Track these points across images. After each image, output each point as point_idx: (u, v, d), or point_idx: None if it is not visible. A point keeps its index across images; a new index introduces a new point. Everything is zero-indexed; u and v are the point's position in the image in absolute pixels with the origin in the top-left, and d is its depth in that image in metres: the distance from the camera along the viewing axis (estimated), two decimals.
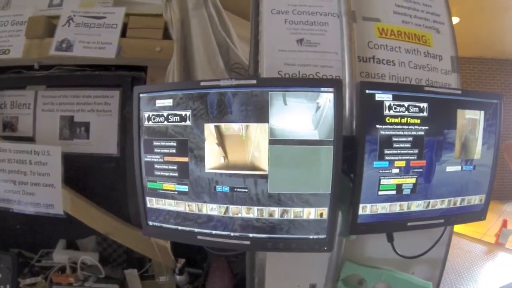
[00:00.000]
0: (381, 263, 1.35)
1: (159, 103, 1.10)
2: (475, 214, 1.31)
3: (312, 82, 1.09)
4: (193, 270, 1.65)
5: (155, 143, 1.12)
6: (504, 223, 2.08)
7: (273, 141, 1.03)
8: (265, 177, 1.04)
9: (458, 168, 1.23)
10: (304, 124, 1.03)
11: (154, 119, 1.11)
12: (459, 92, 1.22)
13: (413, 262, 1.36)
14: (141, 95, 1.13)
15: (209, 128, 1.06)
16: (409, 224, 1.21)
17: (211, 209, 1.09)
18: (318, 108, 1.03)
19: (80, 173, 1.66)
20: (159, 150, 1.12)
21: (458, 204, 1.27)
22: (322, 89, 1.03)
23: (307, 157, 1.04)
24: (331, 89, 1.03)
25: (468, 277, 1.73)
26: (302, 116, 1.03)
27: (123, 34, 1.56)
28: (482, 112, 1.25)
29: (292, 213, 1.06)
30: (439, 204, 1.23)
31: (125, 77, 1.62)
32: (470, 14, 1.43)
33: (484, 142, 1.26)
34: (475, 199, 1.30)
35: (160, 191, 1.14)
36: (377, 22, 1.40)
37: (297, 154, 1.04)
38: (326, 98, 1.03)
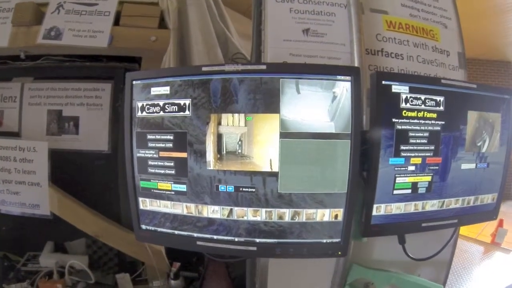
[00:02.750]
0: (387, 265, 1.22)
1: (155, 91, 0.91)
2: (487, 214, 1.20)
3: (327, 69, 0.91)
4: (188, 274, 1.45)
5: (149, 137, 0.93)
6: (500, 223, 1.97)
7: (285, 134, 0.85)
8: (275, 175, 0.86)
9: (473, 165, 1.11)
10: (319, 115, 0.86)
11: (148, 109, 0.92)
12: (475, 86, 1.09)
13: (419, 263, 1.23)
14: (134, 82, 0.93)
15: (212, 119, 0.86)
16: (423, 225, 1.08)
17: (213, 211, 0.90)
18: (334, 98, 0.85)
19: (68, 171, 1.44)
20: (153, 144, 0.92)
21: (471, 203, 1.15)
22: (339, 77, 0.86)
23: (322, 152, 0.87)
24: (348, 78, 0.86)
25: (467, 277, 1.62)
26: (317, 106, 0.86)
27: (116, 22, 1.36)
28: (497, 107, 1.13)
29: (304, 215, 0.88)
30: (453, 203, 1.11)
31: (117, 69, 1.41)
32: (464, 16, 1.32)
33: (498, 138, 1.13)
34: (488, 198, 1.17)
35: (155, 191, 0.94)
36: (385, 15, 1.28)
37: (310, 149, 0.87)
38: (343, 87, 0.86)
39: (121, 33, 1.33)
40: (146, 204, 0.96)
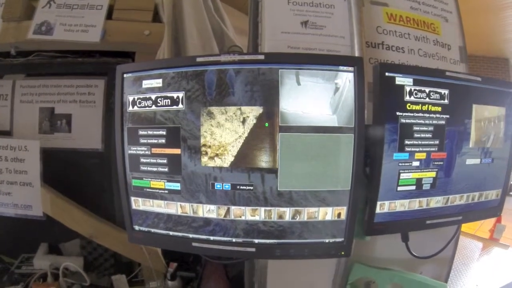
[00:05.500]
0: (389, 263, 1.16)
1: (146, 84, 0.83)
2: (491, 210, 1.14)
3: (329, 59, 0.83)
4: (185, 274, 1.36)
5: (141, 132, 0.85)
6: (499, 218, 1.91)
7: (285, 128, 0.77)
8: (274, 171, 0.78)
9: (478, 161, 1.04)
10: (320, 108, 0.78)
11: (140, 103, 0.83)
12: (479, 79, 1.02)
13: (421, 261, 1.16)
14: (125, 75, 0.85)
15: (207, 113, 0.78)
16: (428, 222, 1.01)
17: (209, 210, 0.82)
18: (336, 89, 0.78)
19: (61, 170, 1.34)
20: (145, 141, 0.84)
21: (476, 200, 1.07)
22: (341, 67, 0.78)
23: (324, 147, 0.79)
24: (351, 68, 0.78)
25: (466, 272, 1.56)
26: (319, 98, 0.78)
27: (109, 16, 1.27)
28: (501, 101, 1.06)
29: (306, 214, 0.81)
30: (458, 200, 1.04)
31: (110, 65, 1.29)
32: (462, 12, 1.26)
33: (503, 133, 1.06)
34: (492, 194, 1.11)
35: (147, 189, 0.86)
36: (385, 7, 1.21)
37: (312, 144, 0.79)
38: (346, 78, 0.78)
39: (114, 27, 1.24)
40: (138, 203, 0.88)
